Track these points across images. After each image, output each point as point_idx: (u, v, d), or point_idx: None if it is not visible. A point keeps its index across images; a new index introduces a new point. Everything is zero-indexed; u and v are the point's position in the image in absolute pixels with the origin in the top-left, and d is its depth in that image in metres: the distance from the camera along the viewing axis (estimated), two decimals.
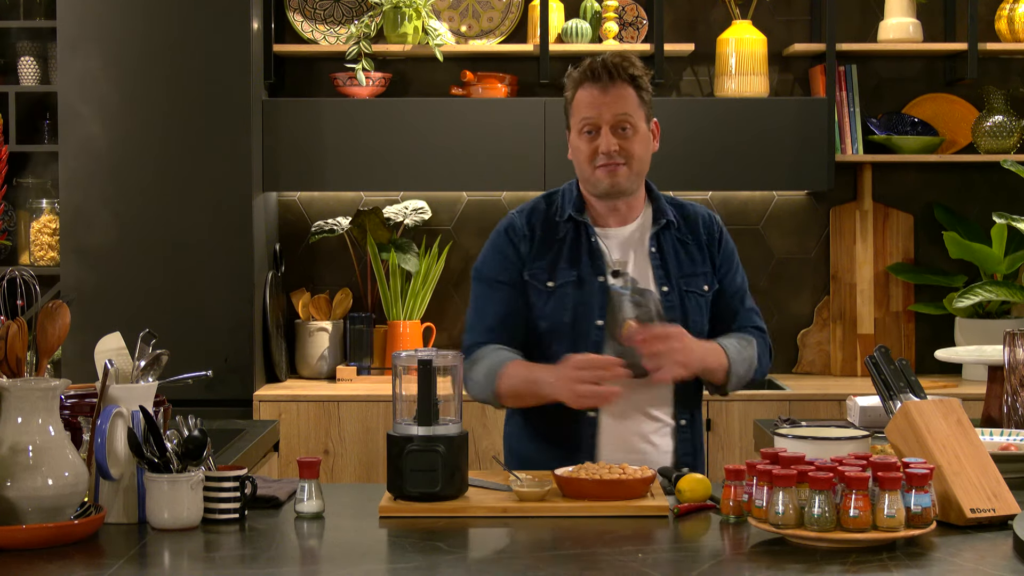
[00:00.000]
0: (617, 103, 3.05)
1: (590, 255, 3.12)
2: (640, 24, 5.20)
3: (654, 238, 3.15)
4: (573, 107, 3.11)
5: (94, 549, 2.43)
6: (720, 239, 3.22)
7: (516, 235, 3.17)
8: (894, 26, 5.15)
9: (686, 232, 3.19)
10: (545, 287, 3.13)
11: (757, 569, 2.29)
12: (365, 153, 4.99)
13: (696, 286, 3.15)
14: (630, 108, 3.06)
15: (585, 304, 3.10)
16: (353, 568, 2.33)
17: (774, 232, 5.33)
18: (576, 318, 3.10)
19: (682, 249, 3.17)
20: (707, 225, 3.21)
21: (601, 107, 3.05)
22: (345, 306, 5.19)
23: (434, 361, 2.74)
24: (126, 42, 4.75)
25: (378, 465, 4.69)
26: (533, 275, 3.14)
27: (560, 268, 3.13)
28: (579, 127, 3.09)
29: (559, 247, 3.14)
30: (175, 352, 2.86)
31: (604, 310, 3.08)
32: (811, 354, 5.31)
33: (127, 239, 4.75)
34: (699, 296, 3.15)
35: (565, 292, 3.11)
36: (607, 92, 3.05)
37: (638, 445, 3.10)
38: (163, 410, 2.77)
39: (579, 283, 3.11)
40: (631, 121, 3.06)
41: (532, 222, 3.18)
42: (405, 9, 5.04)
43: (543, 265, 3.14)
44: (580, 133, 3.09)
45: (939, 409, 2.66)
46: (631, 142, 3.07)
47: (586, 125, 3.07)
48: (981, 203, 5.29)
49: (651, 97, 3.13)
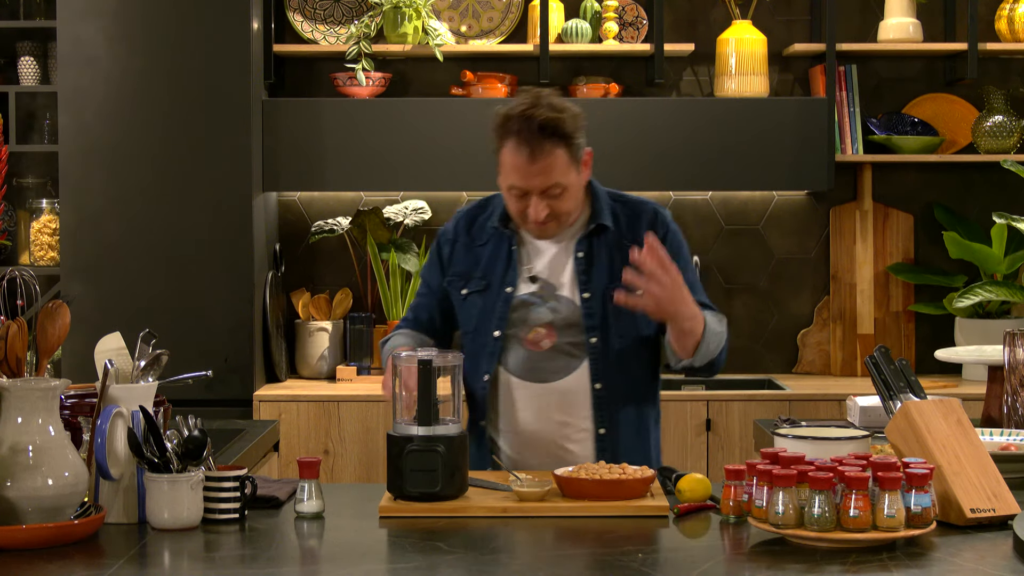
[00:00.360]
0: (545, 173, 2.92)
1: (507, 264, 3.09)
2: (640, 24, 5.21)
3: (582, 243, 3.07)
4: (500, 164, 2.97)
5: (94, 549, 2.43)
6: (666, 236, 3.09)
7: (445, 240, 3.18)
8: (894, 26, 5.14)
9: (626, 232, 3.08)
10: (460, 295, 3.13)
11: (757, 569, 2.29)
12: (365, 153, 4.99)
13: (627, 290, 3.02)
14: (559, 174, 2.93)
15: (487, 313, 3.08)
16: (353, 568, 2.33)
17: (774, 232, 5.33)
18: (478, 327, 3.09)
19: (618, 252, 3.06)
20: (652, 223, 3.10)
21: (529, 177, 2.92)
22: (345, 306, 5.20)
23: (434, 361, 2.74)
24: (126, 42, 4.75)
25: (378, 465, 4.69)
26: (450, 282, 3.15)
27: (474, 277, 3.11)
28: (507, 187, 2.99)
29: (480, 254, 3.12)
30: (175, 352, 2.86)
31: (504, 320, 3.05)
32: (811, 354, 5.31)
33: (127, 239, 4.75)
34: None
35: (473, 301, 3.11)
36: (535, 161, 2.90)
37: (555, 452, 3.06)
38: (163, 410, 2.77)
39: (486, 292, 3.09)
40: (561, 184, 2.94)
41: (459, 228, 3.16)
42: (405, 9, 5.04)
43: (461, 272, 3.13)
44: (509, 193, 2.99)
45: (939, 409, 2.66)
46: (561, 201, 2.97)
47: (514, 189, 2.97)
48: (981, 203, 5.29)
49: (583, 137, 2.97)
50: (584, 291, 3.05)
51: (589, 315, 3.04)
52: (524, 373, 3.06)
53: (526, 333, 3.06)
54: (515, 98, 2.98)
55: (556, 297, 3.05)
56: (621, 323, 3.05)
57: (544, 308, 3.05)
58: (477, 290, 3.11)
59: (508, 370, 3.07)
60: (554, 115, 2.92)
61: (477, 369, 3.09)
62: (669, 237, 3.11)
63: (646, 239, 2.86)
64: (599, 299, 3.04)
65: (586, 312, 3.04)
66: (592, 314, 3.04)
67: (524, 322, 3.06)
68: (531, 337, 3.05)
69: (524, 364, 3.06)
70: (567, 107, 2.96)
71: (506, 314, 3.07)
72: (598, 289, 3.05)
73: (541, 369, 3.05)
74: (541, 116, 2.90)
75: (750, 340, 5.33)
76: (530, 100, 2.94)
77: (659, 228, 3.09)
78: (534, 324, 3.05)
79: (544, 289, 3.06)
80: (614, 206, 3.12)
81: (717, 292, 5.31)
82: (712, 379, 5.16)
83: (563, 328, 3.04)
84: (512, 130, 2.92)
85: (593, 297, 3.05)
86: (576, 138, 2.96)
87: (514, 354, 3.06)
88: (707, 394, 4.80)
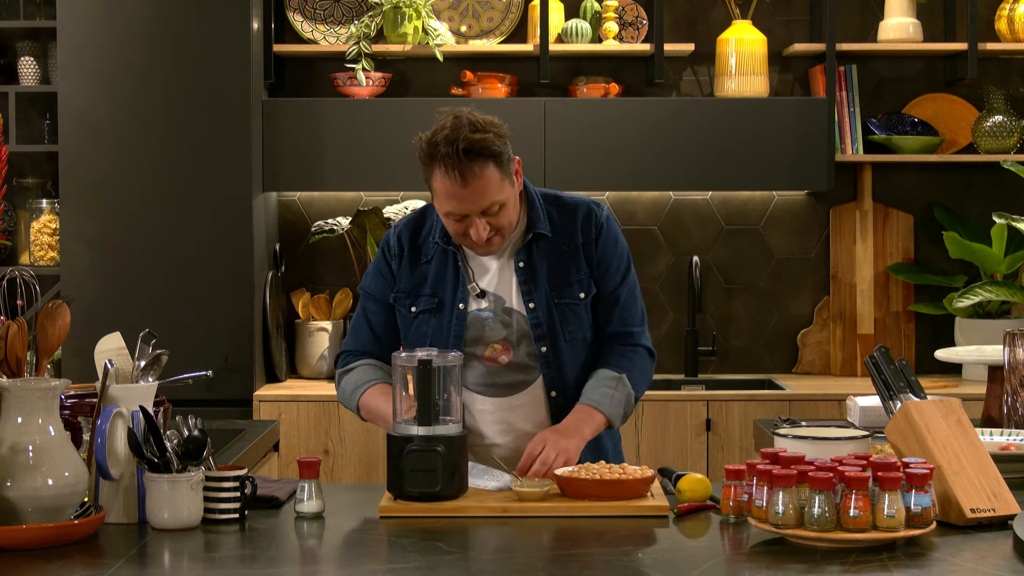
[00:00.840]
0: (480, 195, 2.87)
1: (454, 279, 3.05)
2: (640, 24, 5.21)
3: (521, 252, 3.04)
4: (433, 191, 2.92)
5: (94, 549, 2.43)
6: (599, 236, 3.05)
7: (390, 253, 3.12)
8: (894, 26, 5.14)
9: (561, 236, 3.04)
10: (409, 312, 3.08)
11: (757, 569, 2.29)
12: (365, 153, 4.99)
13: (570, 296, 3.03)
14: (493, 192, 2.88)
15: (443, 331, 3.03)
16: (353, 568, 2.33)
17: (774, 232, 5.33)
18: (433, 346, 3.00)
19: (555, 258, 3.04)
20: (585, 225, 3.05)
21: (465, 202, 2.87)
22: (345, 306, 5.20)
23: (434, 361, 2.74)
24: (126, 42, 4.75)
25: (378, 465, 4.69)
26: (397, 299, 3.10)
27: (423, 294, 3.06)
28: (444, 213, 2.93)
29: (425, 270, 3.08)
30: (175, 352, 2.86)
31: (460, 338, 3.01)
32: (811, 354, 5.31)
33: (127, 239, 4.75)
34: (575, 305, 3.04)
35: (425, 320, 3.05)
36: (468, 185, 2.85)
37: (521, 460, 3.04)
38: (163, 410, 2.78)
39: (439, 309, 3.05)
40: (499, 201, 2.90)
41: (402, 242, 3.10)
42: (405, 9, 5.04)
43: (408, 288, 3.08)
44: (446, 217, 2.94)
45: (939, 409, 2.66)
46: (501, 217, 2.92)
47: (452, 215, 2.92)
48: (981, 203, 5.29)
49: (509, 149, 2.92)
50: (528, 301, 3.03)
51: (536, 325, 3.02)
52: (484, 390, 3.05)
53: (483, 351, 3.03)
54: (436, 122, 2.91)
55: (506, 311, 3.03)
56: (567, 328, 3.04)
57: (498, 323, 3.02)
58: (428, 308, 3.05)
59: (467, 386, 3.04)
60: (479, 136, 2.86)
61: None
62: (602, 237, 3.07)
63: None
64: (544, 308, 3.03)
65: (533, 323, 3.02)
66: (539, 323, 3.02)
67: (480, 339, 3.02)
68: (488, 354, 3.03)
69: (483, 380, 3.04)
70: (489, 123, 2.91)
71: (462, 332, 3.02)
72: (541, 298, 3.03)
73: (499, 385, 3.04)
74: (465, 140, 2.84)
75: (750, 340, 5.33)
76: (451, 123, 2.88)
77: (592, 227, 3.06)
78: (490, 341, 3.02)
79: (494, 303, 3.04)
80: (549, 210, 3.07)
81: (717, 292, 5.31)
82: (712, 379, 5.18)
83: (517, 341, 3.03)
84: (438, 156, 2.86)
85: (538, 306, 3.02)
86: (504, 153, 2.90)
87: (472, 371, 3.03)
88: (707, 394, 4.80)
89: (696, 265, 5.11)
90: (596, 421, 2.98)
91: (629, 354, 3.08)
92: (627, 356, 3.08)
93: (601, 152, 4.97)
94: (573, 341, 3.05)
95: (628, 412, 3.05)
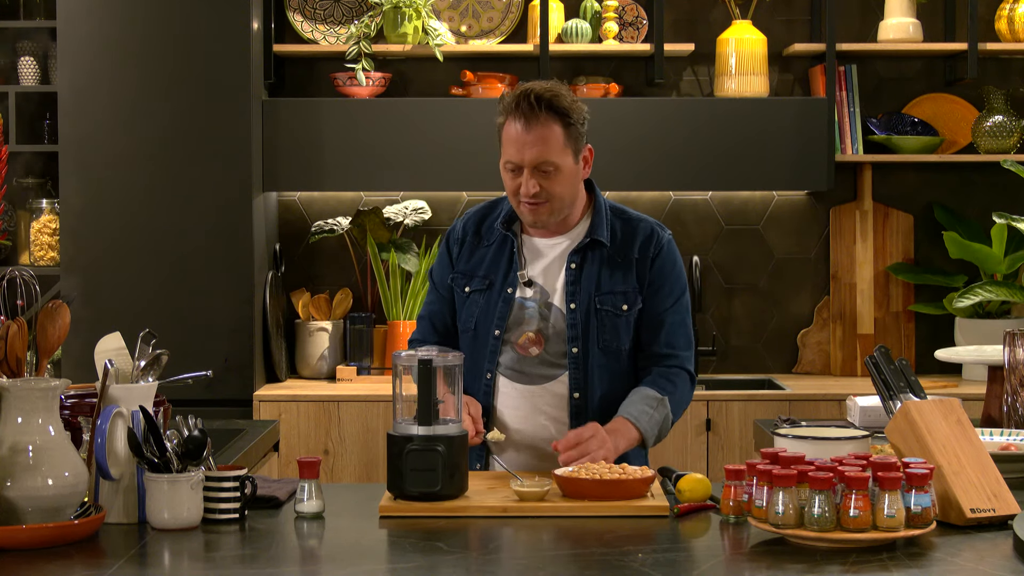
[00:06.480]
0: (539, 144, 2.98)
1: (508, 265, 3.13)
2: (640, 24, 5.21)
3: (576, 254, 3.11)
4: (502, 139, 3.05)
5: (94, 549, 2.43)
6: (656, 258, 3.12)
7: (453, 239, 3.23)
8: (894, 26, 5.14)
9: (619, 249, 3.12)
10: (463, 292, 3.17)
11: (757, 569, 2.29)
12: (365, 153, 4.99)
13: (613, 304, 3.08)
14: (553, 149, 2.99)
15: (488, 313, 3.12)
16: (353, 568, 2.33)
17: (774, 232, 5.33)
18: (477, 325, 3.13)
19: (608, 268, 3.11)
20: (644, 244, 3.13)
21: (523, 148, 2.99)
22: (345, 306, 5.19)
23: (434, 361, 2.74)
24: (126, 42, 4.75)
25: (378, 465, 4.69)
26: (455, 280, 3.19)
27: (478, 275, 3.15)
28: (503, 163, 3.05)
29: (485, 253, 3.17)
30: (175, 352, 2.86)
31: (503, 320, 3.09)
32: (811, 354, 5.31)
33: (127, 239, 4.76)
34: (615, 315, 3.08)
35: (475, 300, 3.14)
36: (530, 131, 2.98)
37: (542, 450, 3.09)
38: (163, 410, 2.78)
39: (488, 291, 3.13)
40: (554, 162, 2.99)
41: (468, 227, 3.21)
42: (405, 9, 5.04)
43: (466, 270, 3.17)
44: (505, 169, 3.05)
45: (939, 409, 2.66)
46: (553, 182, 3.02)
47: (509, 163, 3.03)
48: (981, 203, 5.29)
49: (584, 127, 3.05)
50: (571, 302, 3.08)
51: (572, 325, 3.08)
52: (512, 375, 3.11)
53: (517, 337, 3.10)
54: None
55: (548, 305, 3.09)
56: (603, 335, 3.09)
57: (537, 315, 3.09)
58: (480, 289, 3.14)
59: (500, 371, 3.12)
60: (552, 91, 3.01)
61: (479, 369, 3.11)
62: (659, 259, 3.13)
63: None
64: (583, 310, 3.08)
65: (570, 322, 3.08)
66: (575, 324, 3.08)
67: (518, 325, 3.10)
68: (521, 342, 3.10)
69: (513, 366, 3.11)
70: (569, 92, 3.05)
71: (506, 314, 3.10)
72: (584, 301, 3.08)
73: (526, 373, 3.10)
74: (539, 90, 3.01)
75: (750, 340, 5.33)
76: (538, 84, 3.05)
77: (652, 247, 3.13)
78: (526, 330, 3.09)
79: (539, 295, 3.10)
80: (614, 221, 3.15)
81: (717, 292, 5.31)
82: (712, 379, 5.18)
83: (551, 337, 3.09)
84: (511, 104, 3.01)
85: (578, 308, 3.08)
86: (573, 119, 3.02)
87: (506, 355, 3.11)
88: (707, 394, 4.80)
89: (696, 265, 5.11)
90: (631, 436, 3.01)
91: (673, 377, 3.13)
92: (670, 379, 3.12)
93: (601, 152, 4.92)
94: (606, 350, 3.09)
95: (663, 434, 3.10)
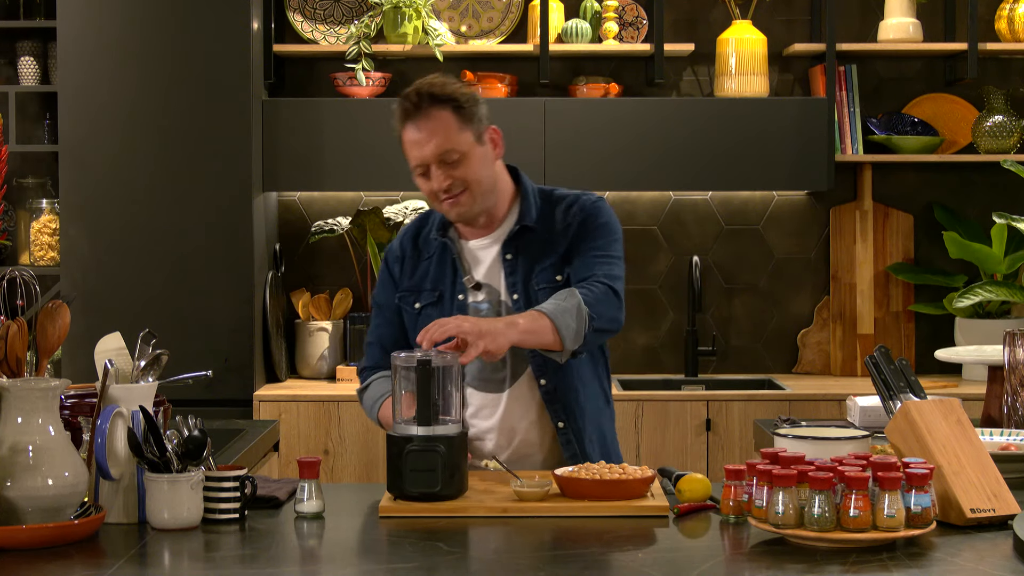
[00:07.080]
0: (434, 136, 2.94)
1: (452, 273, 3.09)
2: (640, 24, 5.21)
3: (509, 244, 3.06)
4: (404, 148, 3.00)
5: (94, 549, 2.43)
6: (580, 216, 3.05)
7: (392, 258, 3.18)
8: (894, 26, 5.15)
9: (546, 226, 3.06)
10: (413, 309, 3.12)
11: (757, 569, 2.29)
12: (365, 153, 4.99)
13: (547, 280, 3.02)
14: (449, 136, 2.94)
15: None
16: (353, 568, 2.33)
17: (774, 232, 5.33)
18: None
19: (538, 247, 3.05)
20: (566, 211, 3.07)
21: (422, 146, 2.94)
22: (345, 306, 5.20)
23: (434, 361, 2.74)
24: (126, 42, 4.75)
25: (378, 465, 4.69)
26: (402, 298, 3.14)
27: (425, 289, 3.11)
28: (412, 170, 3.00)
29: (427, 267, 3.12)
30: (175, 352, 2.86)
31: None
32: (811, 354, 5.31)
33: (127, 239, 4.76)
34: (552, 289, 3.01)
35: (428, 314, 3.07)
36: (421, 127, 2.94)
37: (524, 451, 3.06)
38: (163, 410, 2.78)
39: (439, 303, 3.08)
40: (454, 149, 2.94)
41: (404, 243, 3.16)
42: (405, 9, 5.04)
43: (411, 286, 3.12)
44: (416, 176, 3.01)
45: (939, 409, 2.66)
46: (462, 169, 2.96)
47: (417, 168, 2.98)
48: (981, 203, 5.29)
49: (479, 109, 2.98)
50: (513, 292, 3.05)
51: None
52: (479, 384, 3.07)
53: None
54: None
55: (499, 303, 3.05)
56: None
57: (492, 315, 3.03)
58: (430, 302, 3.09)
59: (468, 382, 3.06)
60: (431, 82, 2.98)
61: None
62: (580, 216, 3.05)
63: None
64: (524, 297, 3.03)
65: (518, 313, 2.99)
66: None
67: None
68: None
69: (479, 374, 3.07)
70: (453, 80, 3.01)
71: None
72: (523, 289, 3.04)
73: (491, 380, 3.06)
74: (419, 86, 2.98)
75: (750, 340, 5.33)
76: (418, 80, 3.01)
77: (577, 212, 3.06)
78: None
79: (490, 295, 3.06)
80: (543, 205, 3.10)
81: (717, 292, 5.31)
82: (712, 379, 5.18)
83: None
84: (399, 111, 2.98)
85: (520, 297, 3.04)
86: (460, 102, 2.95)
87: (471, 365, 3.03)
88: (707, 394, 4.81)
89: (696, 265, 5.11)
90: (539, 323, 2.86)
91: (585, 285, 3.00)
92: (583, 286, 2.99)
93: (601, 152, 4.97)
94: None
95: (581, 328, 2.91)
